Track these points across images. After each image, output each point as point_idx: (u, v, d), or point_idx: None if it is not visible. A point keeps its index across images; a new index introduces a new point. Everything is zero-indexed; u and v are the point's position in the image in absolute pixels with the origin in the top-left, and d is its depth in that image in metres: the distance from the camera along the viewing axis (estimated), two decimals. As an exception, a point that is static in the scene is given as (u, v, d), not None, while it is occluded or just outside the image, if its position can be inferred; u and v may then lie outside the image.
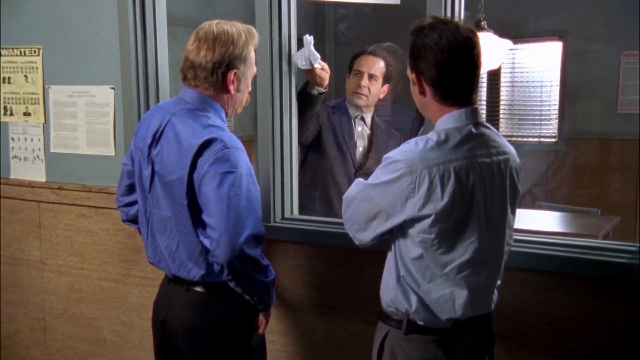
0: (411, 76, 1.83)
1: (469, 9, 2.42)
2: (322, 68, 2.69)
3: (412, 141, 1.78)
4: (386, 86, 3.12)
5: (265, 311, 2.13)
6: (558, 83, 5.76)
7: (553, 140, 5.85)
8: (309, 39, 2.59)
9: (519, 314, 2.23)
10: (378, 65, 3.07)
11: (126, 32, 2.84)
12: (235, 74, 2.01)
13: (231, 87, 2.02)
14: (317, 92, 2.75)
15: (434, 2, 2.25)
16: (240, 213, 1.87)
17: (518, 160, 1.88)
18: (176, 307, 2.09)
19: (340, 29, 6.29)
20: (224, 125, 2.02)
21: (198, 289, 2.05)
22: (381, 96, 3.13)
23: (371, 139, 3.14)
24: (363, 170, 3.07)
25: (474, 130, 1.77)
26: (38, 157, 3.19)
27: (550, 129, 5.88)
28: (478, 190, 1.73)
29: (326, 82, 2.74)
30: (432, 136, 1.76)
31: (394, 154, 1.76)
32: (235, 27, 2.02)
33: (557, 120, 5.81)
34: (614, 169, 5.53)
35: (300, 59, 2.63)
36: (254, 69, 2.11)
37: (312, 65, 2.63)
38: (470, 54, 1.75)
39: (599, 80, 5.46)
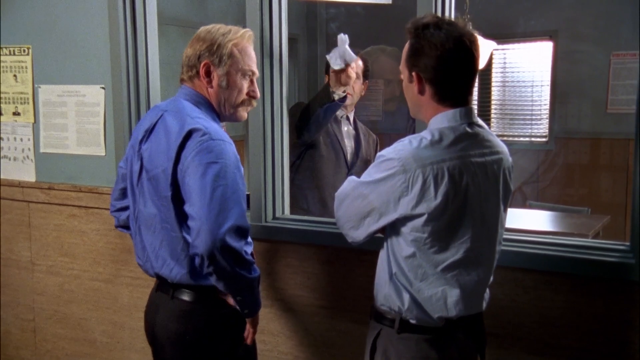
0: (408, 74, 1.80)
1: (457, 9, 2.42)
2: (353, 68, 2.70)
3: (405, 140, 1.78)
4: (365, 83, 3.11)
5: (251, 317, 2.06)
6: (549, 83, 5.78)
7: (544, 139, 5.87)
8: (343, 37, 2.60)
9: (508, 312, 2.24)
10: (358, 64, 3.05)
11: (116, 32, 2.83)
12: (206, 64, 1.99)
13: (204, 80, 2.01)
14: (338, 96, 2.75)
15: (424, 3, 2.26)
16: (225, 203, 1.83)
17: (511, 159, 1.88)
18: (162, 317, 2.06)
19: (331, 28, 6.29)
20: (213, 122, 2.00)
21: (184, 297, 2.01)
22: (362, 94, 3.13)
23: (357, 138, 3.14)
24: (354, 169, 3.07)
25: (468, 129, 1.77)
26: (28, 157, 3.17)
27: (541, 128, 5.90)
28: (471, 190, 1.74)
29: (351, 83, 2.76)
30: (426, 135, 1.76)
31: (387, 152, 1.76)
32: (219, 27, 2.03)
33: (547, 120, 5.83)
34: (604, 168, 5.55)
35: (334, 59, 2.62)
36: (246, 66, 2.05)
37: (346, 64, 2.63)
38: (473, 56, 1.75)
39: (589, 80, 5.48)
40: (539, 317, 2.20)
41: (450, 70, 1.74)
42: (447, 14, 2.29)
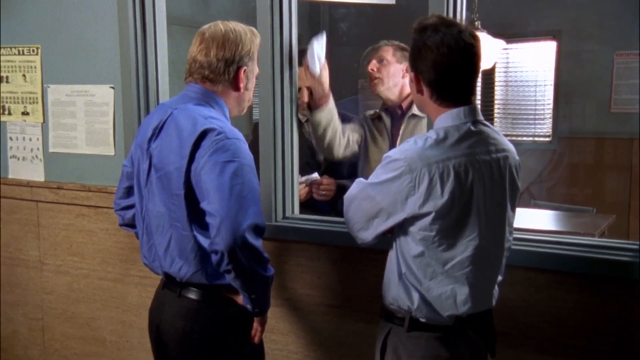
0: (410, 74, 1.86)
1: (467, 8, 2.42)
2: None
3: (411, 140, 1.80)
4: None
5: (260, 315, 2.06)
6: (552, 82, 5.78)
7: (547, 139, 5.88)
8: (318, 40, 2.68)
9: (519, 312, 2.25)
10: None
11: (126, 31, 2.83)
12: (244, 71, 2.03)
13: (242, 85, 2.04)
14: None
15: (436, 2, 2.26)
16: (243, 202, 1.84)
17: (517, 157, 1.90)
18: (168, 314, 2.06)
19: (335, 29, 6.29)
20: (226, 120, 2.02)
21: (191, 295, 2.02)
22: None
23: None
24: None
25: (472, 128, 1.79)
26: (36, 156, 3.18)
27: (544, 128, 5.90)
28: (477, 188, 1.75)
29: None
30: (431, 134, 1.78)
31: (393, 153, 1.79)
32: (239, 26, 2.04)
33: (551, 120, 5.84)
34: (607, 168, 5.56)
35: (313, 63, 2.68)
36: (257, 68, 2.12)
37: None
38: (470, 59, 1.77)
39: (593, 79, 5.49)
40: (550, 317, 2.21)
41: (446, 72, 1.76)
42: (458, 14, 2.30)
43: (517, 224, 2.00)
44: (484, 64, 3.22)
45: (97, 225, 3.06)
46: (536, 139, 5.93)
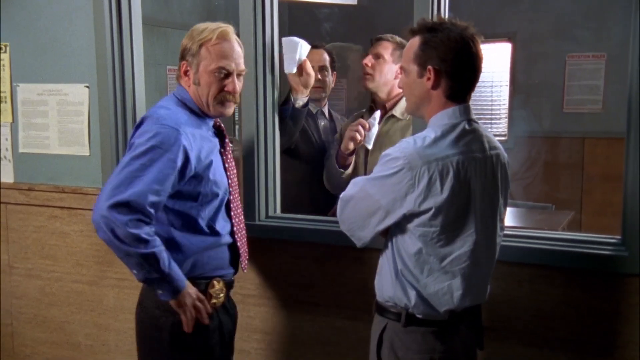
0: (419, 70, 1.84)
1: (450, 9, 2.46)
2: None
3: (410, 139, 1.83)
4: (334, 74, 3.14)
5: (167, 299, 1.97)
6: (508, 83, 5.92)
7: (503, 138, 6.01)
8: (289, 41, 2.65)
9: (504, 306, 2.30)
10: (324, 57, 3.07)
11: (102, 29, 2.78)
12: (184, 64, 2.09)
13: (184, 79, 2.11)
14: (302, 102, 2.76)
15: (421, 3, 2.30)
16: (125, 179, 1.86)
17: (506, 155, 1.96)
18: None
19: (295, 29, 6.28)
20: (178, 108, 2.07)
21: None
22: (332, 85, 3.14)
23: (334, 132, 3.14)
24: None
25: (467, 126, 1.84)
26: (5, 157, 3.08)
27: (500, 128, 6.04)
28: (474, 185, 1.81)
29: (312, 82, 2.74)
30: (429, 133, 1.82)
31: (392, 151, 1.81)
32: (203, 26, 2.09)
33: (507, 120, 5.98)
34: (561, 166, 5.72)
35: (287, 65, 2.64)
36: (214, 65, 2.04)
37: (300, 64, 2.65)
38: (479, 55, 1.84)
39: (547, 80, 5.65)
40: (535, 310, 2.27)
41: (466, 64, 1.81)
42: (442, 14, 2.34)
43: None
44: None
45: (71, 227, 2.99)
46: (492, 138, 6.05)
